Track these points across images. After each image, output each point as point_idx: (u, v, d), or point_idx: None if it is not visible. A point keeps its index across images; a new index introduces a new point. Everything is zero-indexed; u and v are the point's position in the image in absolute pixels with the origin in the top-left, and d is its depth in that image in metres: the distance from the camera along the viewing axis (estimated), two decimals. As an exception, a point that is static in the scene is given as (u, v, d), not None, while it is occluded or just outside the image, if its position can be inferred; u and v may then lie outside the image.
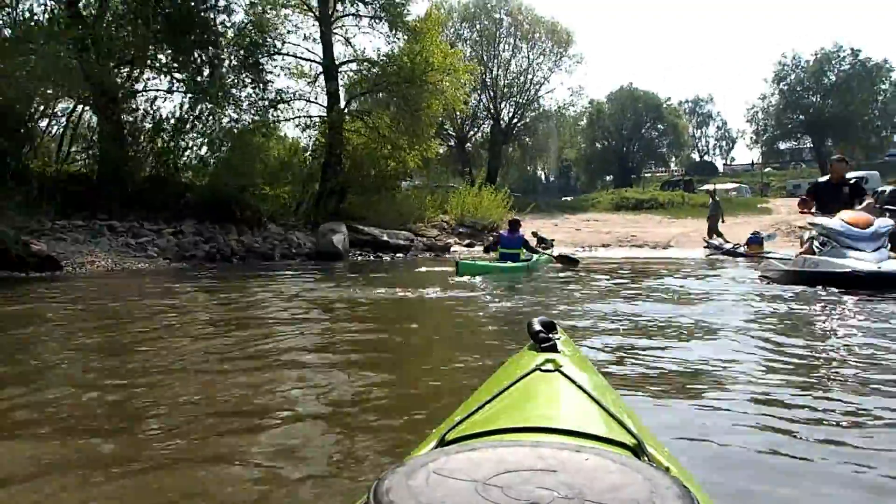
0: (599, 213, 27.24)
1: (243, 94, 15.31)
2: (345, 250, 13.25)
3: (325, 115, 20.93)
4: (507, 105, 38.00)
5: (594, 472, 0.67)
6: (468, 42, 37.47)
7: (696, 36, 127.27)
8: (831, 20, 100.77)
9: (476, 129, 40.03)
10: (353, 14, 20.93)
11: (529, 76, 37.12)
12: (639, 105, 54.27)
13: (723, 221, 18.24)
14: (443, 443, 0.87)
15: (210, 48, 13.70)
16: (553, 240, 16.68)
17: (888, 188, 16.33)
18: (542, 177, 73.42)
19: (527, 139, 39.18)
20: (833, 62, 44.78)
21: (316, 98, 22.14)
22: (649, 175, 59.58)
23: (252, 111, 15.46)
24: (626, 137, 55.33)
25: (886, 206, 15.73)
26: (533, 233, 15.97)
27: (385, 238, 14.97)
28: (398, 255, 14.71)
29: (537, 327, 1.27)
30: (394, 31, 20.93)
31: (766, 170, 59.29)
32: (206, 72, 13.35)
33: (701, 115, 76.12)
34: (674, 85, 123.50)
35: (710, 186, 34.05)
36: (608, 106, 56.24)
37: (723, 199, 31.81)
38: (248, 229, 13.21)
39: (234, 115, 14.70)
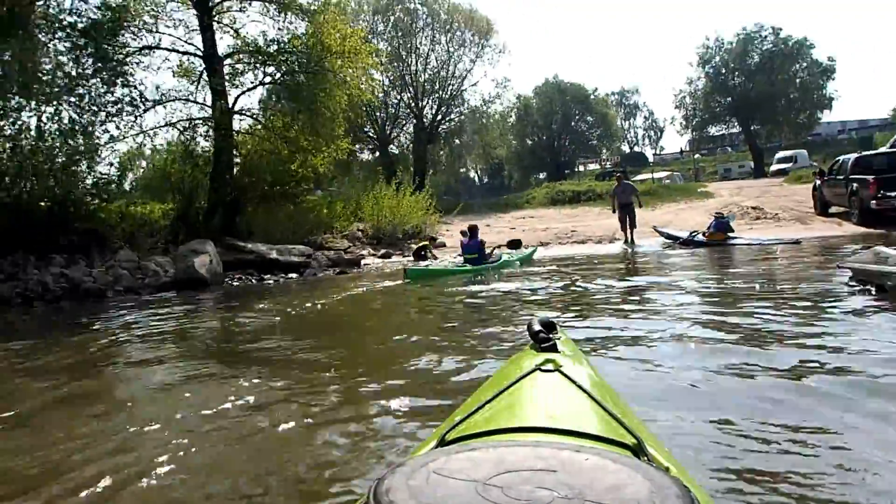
0: (534, 210, 25.01)
1: (82, 91, 12.13)
2: (213, 275, 10.29)
3: (210, 115, 17.87)
4: (430, 102, 35.51)
5: (594, 472, 0.66)
6: (384, 37, 34.85)
7: (616, 25, 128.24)
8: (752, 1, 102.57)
9: (399, 130, 37.36)
10: (237, -1, 17.97)
11: (450, 69, 34.75)
12: (566, 97, 52.84)
13: (639, 206, 15.06)
14: (443, 443, 0.87)
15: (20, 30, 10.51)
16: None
17: (850, 157, 14.55)
18: (476, 178, 71.58)
19: (455, 140, 36.75)
20: (756, 42, 44.34)
21: (204, 99, 19.12)
22: (583, 169, 58.37)
23: (96, 111, 12.30)
24: (556, 132, 53.80)
25: (852, 177, 13.96)
26: (463, 232, 13.97)
27: (274, 255, 12.06)
28: (291, 275, 11.83)
29: (537, 327, 1.31)
30: (285, 15, 18.09)
31: (696, 156, 59.17)
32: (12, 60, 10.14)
33: (628, 107, 76.14)
34: (599, 77, 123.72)
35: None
36: (536, 100, 54.63)
37: (658, 186, 30.35)
38: (84, 258, 10.09)
39: (73, 115, 11.56)
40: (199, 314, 7.26)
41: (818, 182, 16.02)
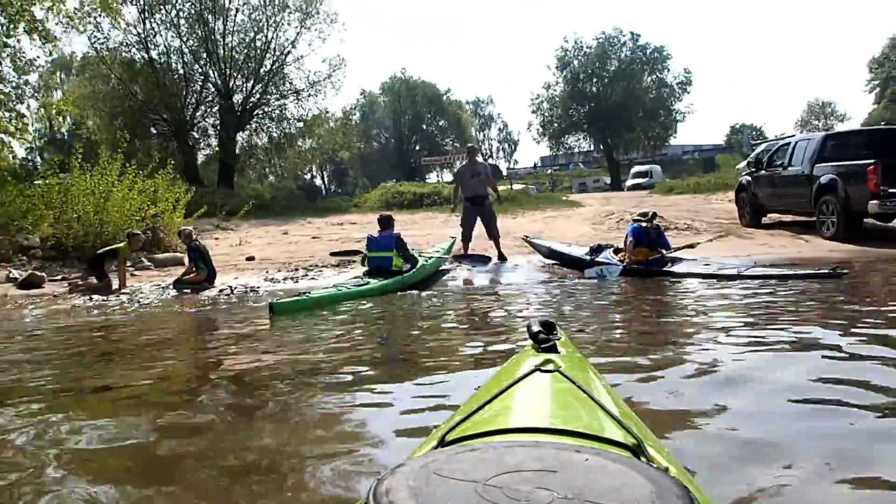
0: (362, 215, 18.67)
1: None
2: None
3: None
4: (241, 77, 27.98)
5: (594, 473, 0.66)
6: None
7: (470, 31, 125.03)
8: (613, 7, 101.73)
9: (204, 113, 29.32)
10: None
11: (269, 38, 27.49)
12: (416, 97, 47.29)
13: (498, 200, 9.64)
14: (443, 443, 0.86)
15: None
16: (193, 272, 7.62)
17: (814, 135, 9.65)
18: (323, 185, 64.22)
19: (273, 129, 29.25)
20: (615, 47, 41.58)
21: None
22: (437, 179, 53.28)
23: None
24: (406, 134, 48.05)
25: (821, 167, 9.02)
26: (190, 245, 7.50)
27: None
28: None
29: (537, 328, 1.31)
30: None
31: (549, 171, 57.08)
32: None
33: (483, 118, 72.54)
34: (452, 84, 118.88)
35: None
36: (383, 99, 48.67)
37: (517, 193, 25.51)
38: None
39: None
40: None
41: (746, 180, 11.10)
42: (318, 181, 64.81)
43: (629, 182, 40.29)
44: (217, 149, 28.76)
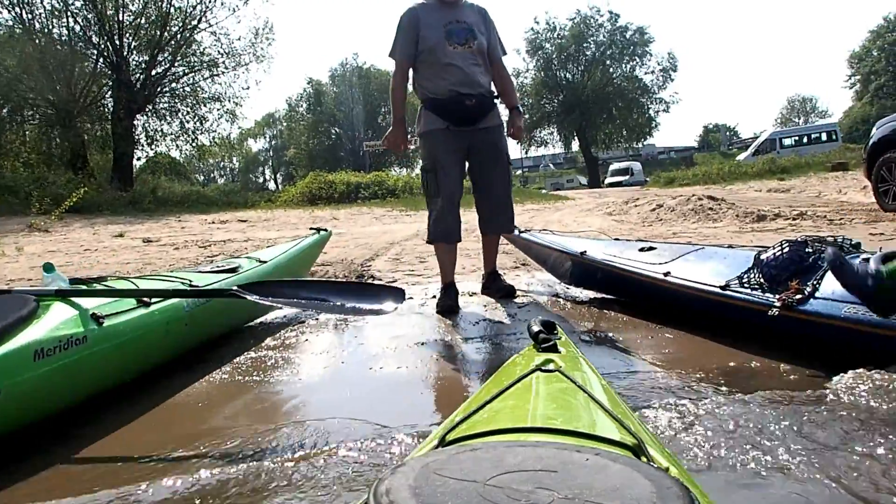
0: (266, 212, 13.39)
1: None
2: None
3: None
4: (139, 44, 22.32)
5: (595, 473, 0.67)
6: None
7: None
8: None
9: (97, 93, 23.47)
10: None
11: (173, -3, 21.87)
12: (371, 86, 42.02)
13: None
14: (443, 443, 0.87)
15: None
16: None
17: None
18: (276, 185, 58.52)
19: (179, 108, 23.51)
20: (591, 28, 36.97)
21: None
22: (397, 174, 48.10)
23: None
24: (359, 126, 42.68)
25: None
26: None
27: None
28: None
29: (537, 328, 1.28)
30: None
31: (518, 172, 53.60)
32: None
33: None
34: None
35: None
36: (333, 88, 43.28)
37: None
38: None
39: None
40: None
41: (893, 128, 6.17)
42: (271, 184, 59.30)
43: (608, 180, 36.53)
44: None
